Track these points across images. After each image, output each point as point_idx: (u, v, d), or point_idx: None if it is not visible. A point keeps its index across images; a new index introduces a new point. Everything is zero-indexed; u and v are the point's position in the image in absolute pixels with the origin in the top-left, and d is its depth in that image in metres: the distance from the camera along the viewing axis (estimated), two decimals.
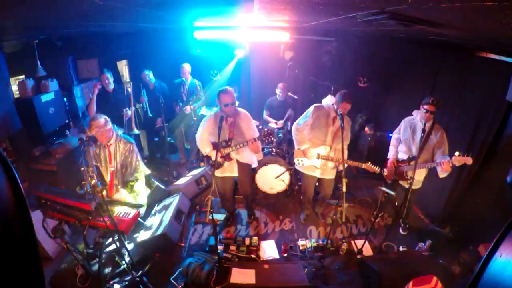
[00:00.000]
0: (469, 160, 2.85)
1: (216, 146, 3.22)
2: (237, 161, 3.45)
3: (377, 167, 3.32)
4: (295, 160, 3.69)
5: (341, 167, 3.25)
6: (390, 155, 3.58)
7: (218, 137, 2.98)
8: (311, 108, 3.45)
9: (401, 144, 3.53)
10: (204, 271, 2.94)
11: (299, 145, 3.51)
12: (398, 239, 3.72)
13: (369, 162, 3.32)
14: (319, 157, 3.46)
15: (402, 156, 3.48)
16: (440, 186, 3.87)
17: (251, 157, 3.49)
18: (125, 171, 3.24)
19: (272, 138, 3.06)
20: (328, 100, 3.51)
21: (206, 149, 3.35)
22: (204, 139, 3.34)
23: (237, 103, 3.32)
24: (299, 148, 3.52)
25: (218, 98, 3.15)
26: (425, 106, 3.10)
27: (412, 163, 3.24)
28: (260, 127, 5.07)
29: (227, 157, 3.35)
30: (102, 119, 3.01)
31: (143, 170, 3.40)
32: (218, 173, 3.46)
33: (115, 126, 3.24)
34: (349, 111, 3.30)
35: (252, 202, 4.18)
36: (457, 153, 2.89)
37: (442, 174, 3.07)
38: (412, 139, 3.34)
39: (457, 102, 3.71)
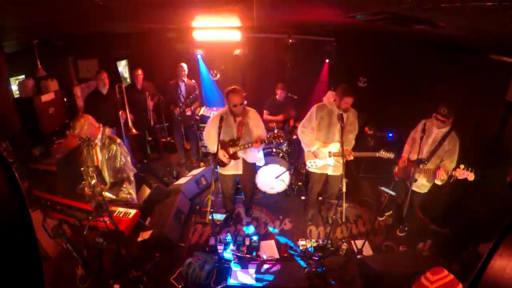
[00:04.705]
0: (471, 176, 2.86)
1: (224, 144, 3.27)
2: (243, 159, 3.47)
3: (391, 153, 3.35)
4: (308, 163, 3.60)
5: (351, 157, 3.24)
6: (405, 153, 3.49)
7: (218, 138, 2.99)
8: (313, 109, 3.38)
9: (415, 143, 3.44)
10: (204, 271, 2.93)
11: (308, 147, 3.46)
12: (398, 239, 3.72)
13: (382, 150, 3.35)
14: (331, 155, 3.42)
15: (414, 156, 3.35)
16: (440, 186, 3.86)
17: (257, 156, 3.53)
18: (111, 171, 3.20)
19: (281, 140, 3.12)
20: (329, 97, 3.48)
21: (214, 147, 3.34)
22: (212, 137, 3.33)
23: (245, 102, 3.31)
24: (309, 150, 3.47)
25: (226, 97, 3.13)
26: (436, 115, 3.04)
27: (421, 166, 3.17)
28: None
29: (234, 156, 3.36)
30: (82, 118, 2.99)
31: (130, 169, 3.31)
32: (223, 171, 3.50)
33: (101, 126, 3.21)
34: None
35: (251, 199, 4.18)
36: (462, 166, 2.90)
37: (437, 181, 3.11)
38: (424, 140, 3.18)
39: (457, 102, 3.70)
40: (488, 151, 3.30)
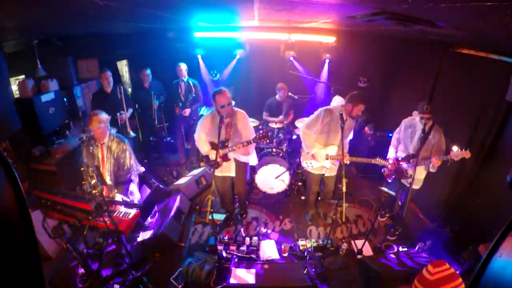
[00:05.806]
0: (467, 154, 2.91)
1: (214, 146, 3.23)
2: (235, 160, 3.47)
3: (386, 161, 3.40)
4: (304, 163, 3.61)
5: (347, 161, 3.25)
6: (390, 155, 3.59)
7: (218, 137, 2.98)
8: (321, 112, 3.32)
9: (400, 143, 3.56)
10: (204, 271, 2.93)
11: (308, 149, 3.44)
12: (398, 239, 3.71)
13: (378, 157, 3.39)
14: (328, 157, 3.42)
15: (401, 154, 3.50)
16: (440, 186, 3.87)
17: (249, 156, 3.51)
18: (118, 171, 3.21)
19: (267, 140, 3.07)
20: (337, 102, 3.48)
21: (204, 149, 3.36)
22: (202, 140, 3.35)
23: (233, 102, 3.30)
24: (309, 152, 3.45)
25: (213, 99, 3.14)
26: (421, 115, 3.14)
27: (412, 160, 3.26)
28: (260, 127, 5.07)
29: (225, 158, 3.36)
30: (105, 114, 3.03)
31: (137, 170, 3.35)
32: (217, 172, 3.48)
33: (109, 126, 3.23)
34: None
35: (245, 201, 4.16)
36: (455, 148, 2.94)
37: (431, 169, 3.20)
38: (410, 138, 3.39)
39: (457, 102, 3.71)
40: (488, 151, 3.30)
